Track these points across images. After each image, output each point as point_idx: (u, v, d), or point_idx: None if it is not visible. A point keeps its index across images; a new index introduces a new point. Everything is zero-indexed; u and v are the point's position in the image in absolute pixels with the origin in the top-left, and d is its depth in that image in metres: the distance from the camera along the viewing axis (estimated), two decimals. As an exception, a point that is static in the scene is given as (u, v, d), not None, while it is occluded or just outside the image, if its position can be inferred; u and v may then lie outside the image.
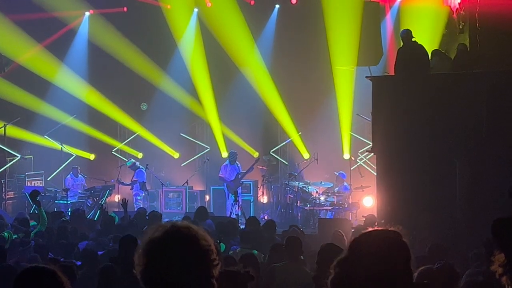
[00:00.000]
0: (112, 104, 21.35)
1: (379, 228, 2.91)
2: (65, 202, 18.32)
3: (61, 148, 20.61)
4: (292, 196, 18.71)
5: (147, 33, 21.21)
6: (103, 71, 21.11)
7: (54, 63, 21.04)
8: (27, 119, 20.54)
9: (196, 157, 22.02)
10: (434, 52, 13.67)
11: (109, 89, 21.20)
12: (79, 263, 8.93)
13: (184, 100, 21.51)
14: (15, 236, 11.50)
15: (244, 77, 20.87)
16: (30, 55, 20.52)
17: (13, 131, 20.09)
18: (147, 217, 13.29)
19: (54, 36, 20.87)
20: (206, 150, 21.76)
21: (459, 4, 14.73)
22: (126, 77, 21.05)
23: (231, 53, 20.59)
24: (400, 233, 2.86)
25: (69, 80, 21.14)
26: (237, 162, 19.24)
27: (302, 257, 8.02)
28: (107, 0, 20.45)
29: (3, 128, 19.47)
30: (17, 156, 20.20)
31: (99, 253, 9.40)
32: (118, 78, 21.03)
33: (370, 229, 2.90)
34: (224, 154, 20.95)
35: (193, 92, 21.45)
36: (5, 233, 11.20)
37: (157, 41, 21.20)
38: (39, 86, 20.89)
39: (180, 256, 2.66)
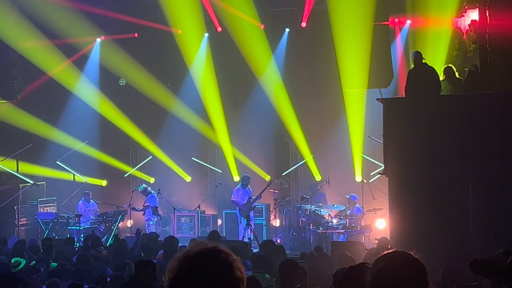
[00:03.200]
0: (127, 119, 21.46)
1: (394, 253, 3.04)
2: (78, 227, 18.34)
3: (73, 178, 20.64)
4: (304, 219, 18.64)
5: (158, 59, 21.33)
6: (115, 94, 21.29)
7: (67, 87, 21.23)
8: (39, 145, 20.65)
9: (207, 181, 22.03)
10: (445, 70, 13.66)
11: (123, 111, 21.35)
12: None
13: (196, 124, 21.54)
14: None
15: (256, 100, 20.91)
16: (45, 79, 20.75)
17: (25, 167, 20.20)
18: (159, 241, 13.31)
19: (66, 61, 21.04)
20: (218, 174, 21.75)
21: (469, 25, 14.75)
22: (140, 101, 21.16)
23: (245, 74, 20.58)
24: (414, 256, 3.01)
25: (85, 92, 21.35)
26: (248, 186, 19.20)
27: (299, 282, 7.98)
28: (118, 26, 20.54)
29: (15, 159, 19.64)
30: (30, 183, 20.28)
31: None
32: (130, 101, 21.18)
33: (386, 254, 3.06)
34: (236, 178, 20.92)
35: (205, 116, 21.49)
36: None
37: (168, 66, 21.31)
38: (51, 112, 21.06)
39: (210, 277, 2.68)
